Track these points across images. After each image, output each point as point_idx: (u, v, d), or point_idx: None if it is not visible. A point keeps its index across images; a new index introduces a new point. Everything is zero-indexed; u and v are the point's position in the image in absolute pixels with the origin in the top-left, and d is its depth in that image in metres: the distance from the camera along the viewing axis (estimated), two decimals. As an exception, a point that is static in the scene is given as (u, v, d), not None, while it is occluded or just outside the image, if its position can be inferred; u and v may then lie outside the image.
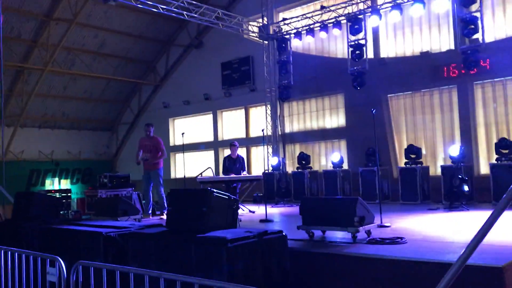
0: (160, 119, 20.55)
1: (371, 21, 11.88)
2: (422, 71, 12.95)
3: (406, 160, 11.17)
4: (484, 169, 12.06)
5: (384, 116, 13.83)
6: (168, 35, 19.89)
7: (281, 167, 12.88)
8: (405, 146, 13.70)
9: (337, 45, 15.00)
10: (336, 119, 15.05)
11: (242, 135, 17.80)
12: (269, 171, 13.11)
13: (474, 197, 9.78)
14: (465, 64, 10.73)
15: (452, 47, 12.72)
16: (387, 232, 5.89)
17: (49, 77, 18.36)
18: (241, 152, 17.96)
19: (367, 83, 12.31)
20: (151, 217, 8.98)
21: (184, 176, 10.21)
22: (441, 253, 4.52)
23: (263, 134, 11.16)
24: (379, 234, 5.54)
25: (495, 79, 12.06)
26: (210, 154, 19.05)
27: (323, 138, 15.09)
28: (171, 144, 20.46)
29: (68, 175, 20.96)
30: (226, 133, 18.58)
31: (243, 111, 17.86)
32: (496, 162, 9.22)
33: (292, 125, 15.40)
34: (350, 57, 12.22)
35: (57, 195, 9.44)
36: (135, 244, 4.30)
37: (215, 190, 4.23)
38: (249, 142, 17.53)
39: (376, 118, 14.02)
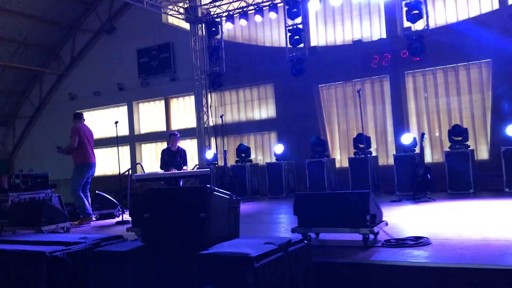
0: (65, 112, 18.37)
1: (312, 4, 11.26)
2: (354, 61, 12.67)
3: (355, 150, 10.68)
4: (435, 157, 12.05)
5: (315, 106, 13.41)
6: (73, 19, 17.86)
7: (217, 161, 11.87)
8: (337, 137, 13.49)
9: (264, 32, 14.31)
10: (266, 110, 14.35)
11: (162, 128, 16.48)
12: (203, 166, 12.06)
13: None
14: (410, 50, 10.50)
15: (384, 35, 12.60)
16: (390, 230, 4.83)
17: None
18: (163, 146, 16.75)
19: (301, 73, 11.70)
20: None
21: (119, 172, 8.84)
22: (491, 256, 3.63)
23: (199, 125, 10.05)
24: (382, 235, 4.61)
25: (426, 68, 12.10)
26: (126, 150, 17.44)
27: (254, 130, 14.32)
28: (80, 139, 18.44)
29: (-45, 177, 18.07)
30: (143, 127, 17.12)
31: (162, 102, 16.52)
32: (450, 150, 9.02)
33: (225, 116, 14.40)
34: (288, 42, 11.51)
35: None
36: (98, 268, 3.10)
37: (215, 188, 3.19)
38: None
39: (306, 108, 13.82)
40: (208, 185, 3.18)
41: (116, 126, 7.80)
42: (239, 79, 13.66)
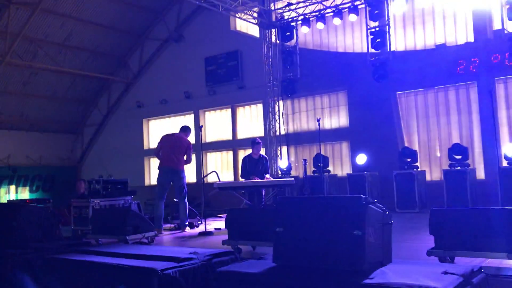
0: (133, 120, 18.61)
1: (397, 5, 10.55)
2: (437, 66, 11.79)
3: (451, 162, 9.82)
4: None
5: (393, 115, 12.60)
6: (142, 27, 18.02)
7: (290, 171, 11.32)
8: (417, 148, 12.57)
9: (337, 37, 13.68)
10: (337, 119, 13.67)
11: (228, 137, 16.16)
12: (279, 175, 11.57)
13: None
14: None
15: (471, 39, 11.65)
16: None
17: (7, 70, 16.11)
18: (228, 155, 16.44)
19: (383, 78, 10.96)
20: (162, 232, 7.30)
21: (203, 180, 8.50)
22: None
23: (269, 134, 9.54)
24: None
25: (520, 74, 11.04)
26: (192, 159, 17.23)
27: (325, 139, 13.66)
28: (146, 147, 18.53)
29: (27, 182, 18.60)
30: (209, 135, 16.87)
31: (229, 110, 16.22)
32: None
33: (296, 124, 13.85)
34: (369, 46, 10.85)
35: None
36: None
37: (370, 199, 2.65)
38: (236, 144, 15.91)
39: (382, 117, 13.03)
40: (363, 195, 2.63)
41: (200, 130, 7.43)
42: (311, 86, 13.08)
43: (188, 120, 17.41)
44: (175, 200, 7.83)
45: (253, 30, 15.53)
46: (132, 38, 18.25)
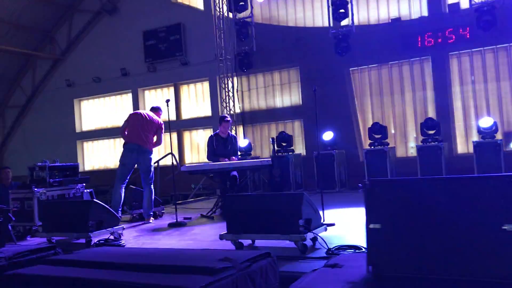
0: (62, 100, 16.96)
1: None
2: (391, 41, 11.49)
3: (423, 137, 9.54)
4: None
5: (347, 92, 12.22)
6: (70, -2, 16.33)
7: (251, 152, 10.55)
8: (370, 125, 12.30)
9: (287, 10, 13.02)
10: (288, 97, 13.09)
11: (172, 117, 15.06)
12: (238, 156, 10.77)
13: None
14: (478, 23, 9.38)
15: (426, 13, 11.45)
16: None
17: None
18: (172, 137, 15.39)
19: (346, 51, 10.46)
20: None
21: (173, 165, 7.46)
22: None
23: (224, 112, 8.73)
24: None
25: (473, 49, 11.01)
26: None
27: (276, 119, 13.07)
28: (78, 130, 16.99)
29: None
30: (149, 116, 15.68)
31: (172, 89, 15.13)
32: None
33: (252, 102, 13.04)
34: (331, 17, 10.26)
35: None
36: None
37: None
38: (180, 125, 14.90)
39: (336, 95, 12.63)
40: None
41: (168, 105, 6.50)
42: (267, 61, 12.33)
43: (125, 100, 16.14)
44: (131, 187, 6.84)
45: (197, 1, 14.51)
46: (59, 9, 16.51)
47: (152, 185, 6.55)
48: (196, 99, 14.82)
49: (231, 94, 11.88)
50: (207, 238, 4.95)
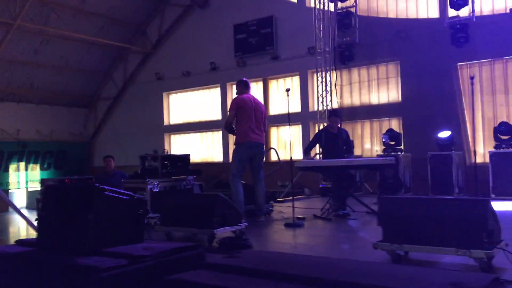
0: (151, 93, 17.21)
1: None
2: (508, 33, 10.34)
3: (496, 143, 8.60)
4: None
5: (454, 89, 11.20)
6: (163, -8, 16.50)
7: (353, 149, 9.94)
8: (480, 126, 11.19)
9: (388, 1, 12.19)
10: (386, 93, 12.26)
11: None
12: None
13: None
14: None
15: (552, 2, 10.18)
16: None
17: (17, 36, 14.66)
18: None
19: (465, 42, 9.52)
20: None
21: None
22: None
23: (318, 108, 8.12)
24: None
25: None
26: (217, 136, 15.94)
27: (371, 116, 12.29)
28: (166, 123, 17.17)
29: (38, 159, 17.30)
30: (237, 111, 15.45)
31: (260, 84, 14.79)
32: None
33: (353, 97, 12.38)
34: (448, 6, 9.39)
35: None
36: None
37: None
38: (268, 121, 14.47)
39: (440, 91, 11.66)
40: None
41: (288, 94, 6.07)
42: (369, 54, 11.60)
43: (213, 94, 16.05)
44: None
45: (290, -7, 14.04)
46: (151, 3, 16.74)
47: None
48: (285, 94, 14.33)
49: (328, 89, 11.27)
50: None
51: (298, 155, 12.49)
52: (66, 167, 17.78)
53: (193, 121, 16.46)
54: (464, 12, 9.82)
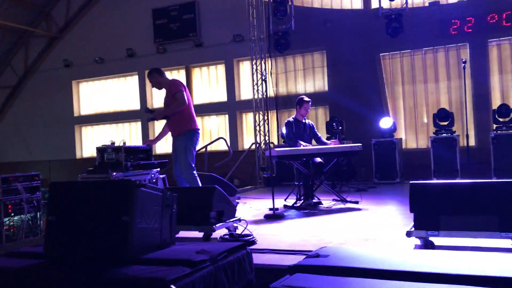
0: (59, 82, 15.80)
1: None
2: (426, 26, 10.94)
3: (436, 128, 9.17)
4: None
5: (378, 79, 11.65)
6: (70, -29, 15.14)
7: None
8: (402, 114, 11.77)
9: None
10: (314, 82, 12.42)
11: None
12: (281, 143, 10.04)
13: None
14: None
15: (464, -3, 10.94)
16: None
17: None
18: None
19: (399, 32, 9.86)
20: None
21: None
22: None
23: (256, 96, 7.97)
24: None
25: None
26: (134, 126, 15.09)
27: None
28: (76, 114, 15.89)
29: None
30: (157, 101, 14.77)
31: (183, 72, 14.23)
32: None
33: (288, 86, 12.29)
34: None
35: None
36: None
37: None
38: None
39: (364, 81, 12.06)
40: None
41: (265, 80, 5.68)
42: (304, 42, 11.60)
43: (130, 83, 15.15)
44: (206, 174, 6.02)
45: (213, -21, 13.61)
46: (57, -17, 15.30)
47: None
48: (209, 83, 13.97)
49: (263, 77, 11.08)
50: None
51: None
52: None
53: (108, 111, 15.41)
54: (387, 4, 10.20)
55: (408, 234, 3.31)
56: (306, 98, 6.49)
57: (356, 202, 6.13)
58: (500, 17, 10.40)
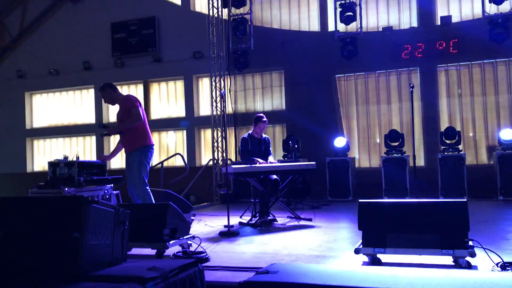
0: (10, 93, 15.32)
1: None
2: (380, 50, 11.39)
3: (387, 149, 9.53)
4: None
5: (333, 100, 11.97)
6: (26, -19, 14.84)
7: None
8: (355, 134, 12.10)
9: (274, 11, 12.58)
10: (272, 100, 12.62)
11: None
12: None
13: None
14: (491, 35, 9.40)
15: (415, 24, 11.49)
16: None
17: None
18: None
19: (354, 55, 10.21)
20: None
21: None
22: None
23: (214, 113, 8.05)
24: None
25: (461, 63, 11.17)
26: (88, 140, 14.78)
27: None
28: (28, 127, 15.41)
29: None
30: (113, 115, 14.53)
31: (141, 86, 14.12)
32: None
33: (245, 104, 12.41)
34: (338, 19, 9.91)
35: None
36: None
37: None
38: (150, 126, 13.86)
39: (320, 101, 12.35)
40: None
41: (223, 97, 5.70)
42: (262, 61, 11.80)
43: (86, 96, 14.89)
44: (161, 190, 5.98)
45: (174, -4, 13.69)
46: (11, -8, 14.94)
47: None
48: (168, 99, 13.92)
49: (222, 94, 11.18)
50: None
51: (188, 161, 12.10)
52: None
53: (61, 124, 15.04)
54: (343, 27, 10.58)
55: (356, 251, 3.44)
56: (264, 119, 6.62)
57: (310, 220, 6.29)
58: (448, 44, 10.96)
